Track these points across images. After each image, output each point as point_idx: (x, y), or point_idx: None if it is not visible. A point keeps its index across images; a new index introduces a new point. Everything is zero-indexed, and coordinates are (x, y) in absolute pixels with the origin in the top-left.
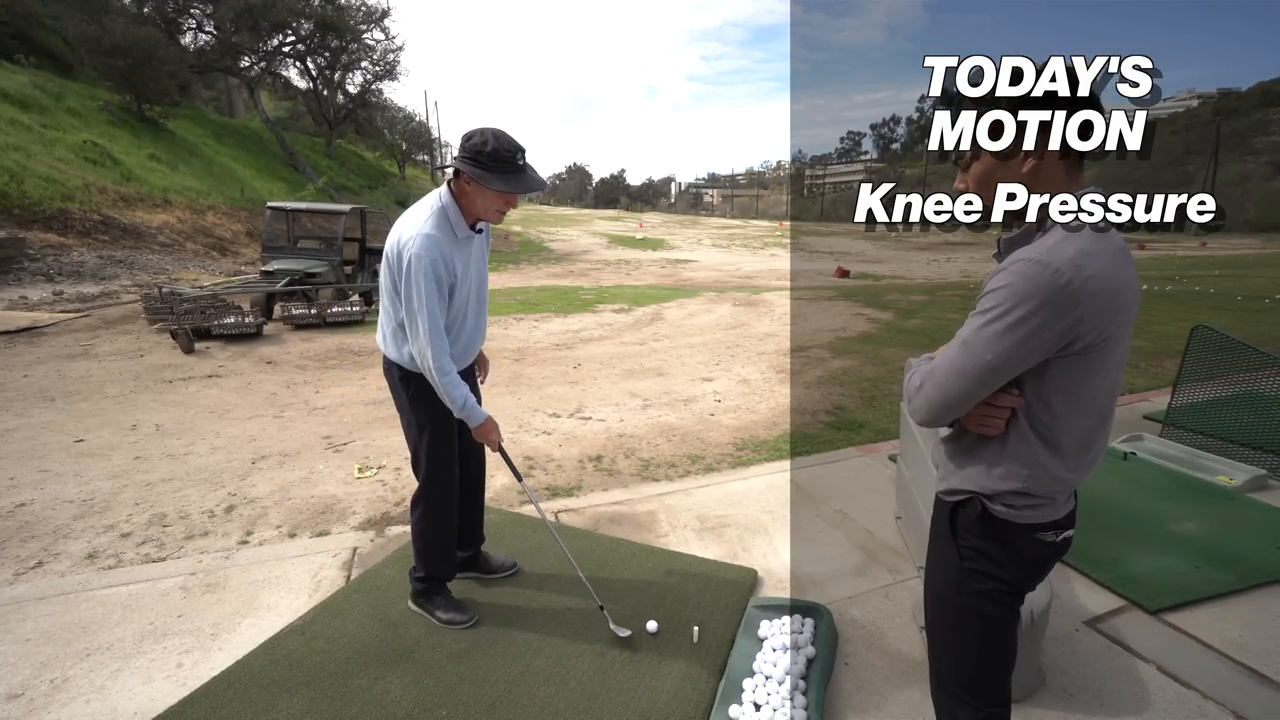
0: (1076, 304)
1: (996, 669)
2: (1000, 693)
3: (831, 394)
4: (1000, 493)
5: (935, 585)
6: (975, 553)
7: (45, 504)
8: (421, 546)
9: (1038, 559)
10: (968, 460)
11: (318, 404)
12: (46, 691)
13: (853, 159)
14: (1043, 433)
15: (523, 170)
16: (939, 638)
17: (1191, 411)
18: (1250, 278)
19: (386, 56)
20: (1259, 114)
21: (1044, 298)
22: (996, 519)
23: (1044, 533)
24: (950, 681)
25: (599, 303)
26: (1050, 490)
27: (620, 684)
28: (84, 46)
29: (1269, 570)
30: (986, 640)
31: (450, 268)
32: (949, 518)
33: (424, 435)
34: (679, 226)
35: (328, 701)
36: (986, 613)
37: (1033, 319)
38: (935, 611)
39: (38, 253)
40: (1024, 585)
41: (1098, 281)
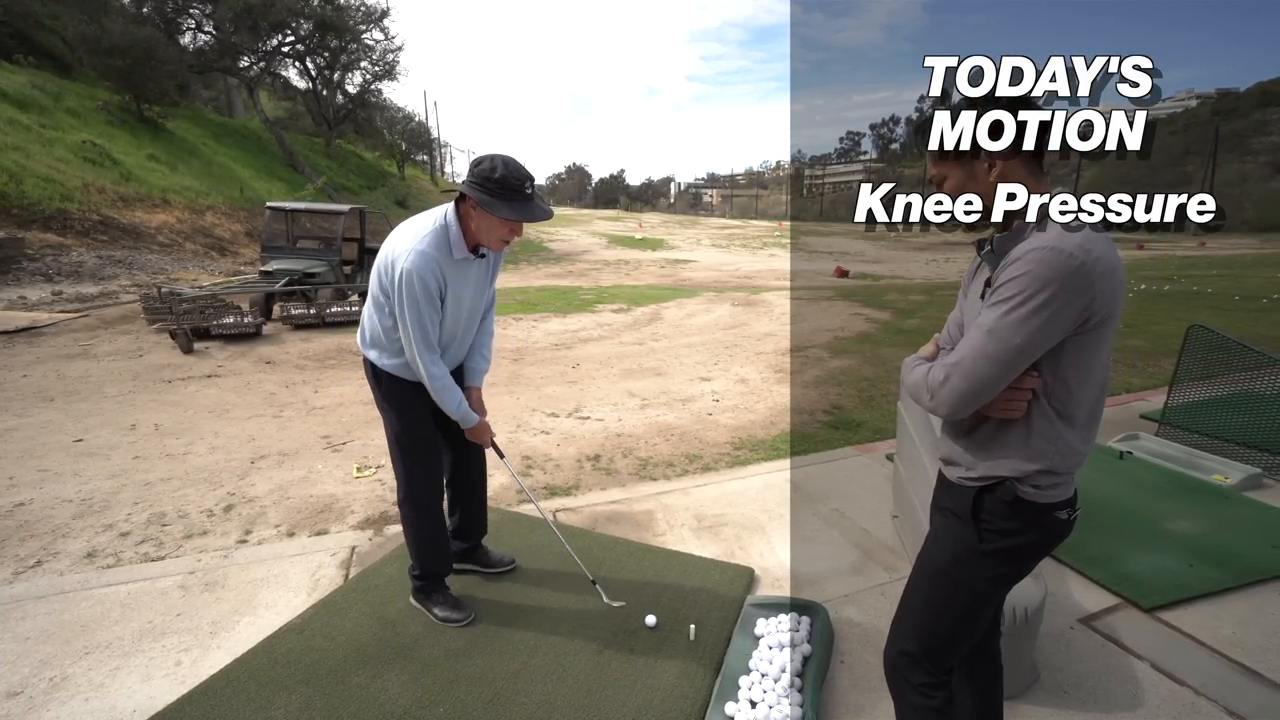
0: (1091, 283)
1: (962, 642)
2: (948, 663)
3: (829, 394)
4: (1029, 474)
5: (937, 563)
6: (998, 534)
7: (44, 503)
8: (413, 543)
9: (1055, 537)
10: (994, 446)
11: (316, 404)
12: (45, 689)
13: (852, 159)
14: (1059, 409)
15: (530, 199)
16: (919, 608)
17: (1188, 411)
18: (1248, 278)
19: (386, 56)
20: (1258, 114)
21: (1063, 280)
22: (1024, 501)
23: (1060, 511)
24: (916, 649)
25: (598, 303)
26: (1070, 465)
27: (617, 681)
28: (83, 46)
29: (1263, 568)
30: (967, 616)
31: (441, 285)
32: (973, 501)
33: (395, 431)
34: (678, 226)
35: (326, 699)
36: (981, 592)
37: (1055, 301)
38: (929, 586)
39: (37, 253)
40: (1028, 567)
41: (1104, 262)
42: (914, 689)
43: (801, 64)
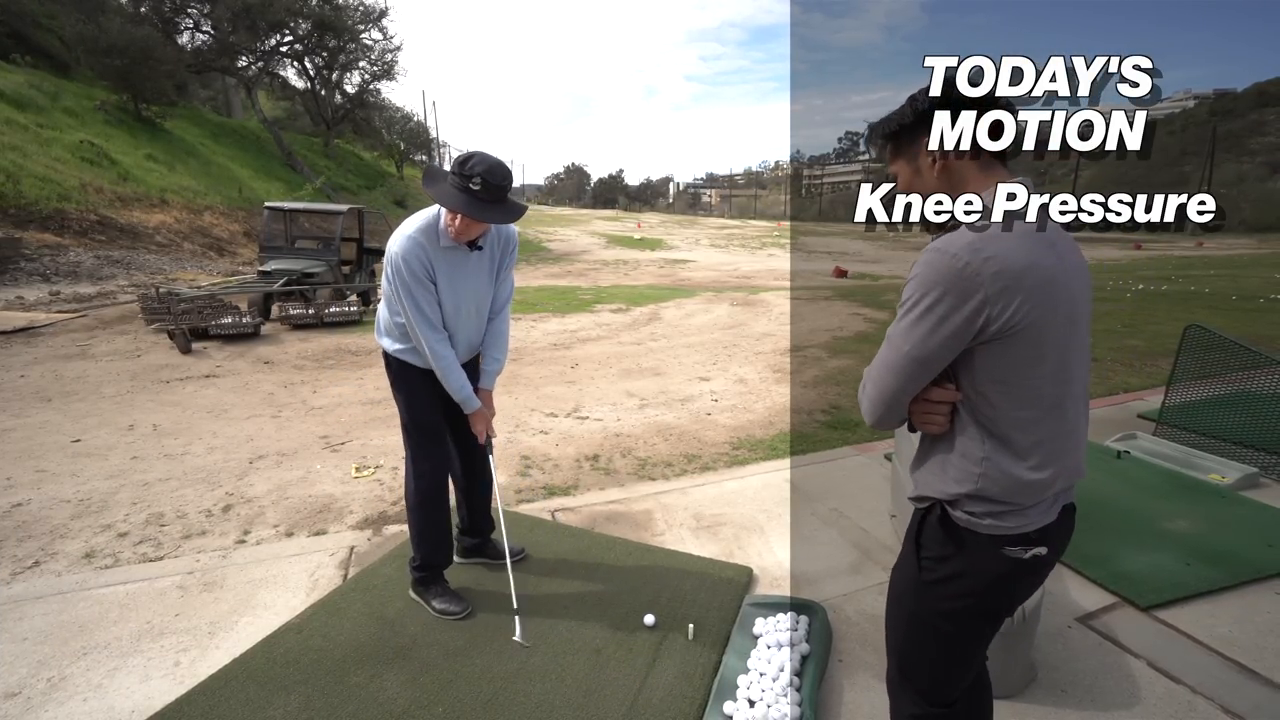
0: (979, 287)
1: (947, 678)
2: (946, 696)
3: (828, 393)
4: (958, 497)
5: (896, 587)
6: (936, 563)
7: (42, 504)
8: (414, 531)
9: (1003, 575)
10: (925, 463)
11: (315, 404)
12: (44, 690)
13: (850, 159)
14: (987, 426)
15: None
16: (892, 637)
17: (1185, 410)
18: (1245, 278)
19: (384, 56)
20: (1255, 115)
21: (946, 284)
22: (959, 527)
23: (1011, 547)
24: (897, 674)
25: (597, 303)
26: (1009, 493)
27: (616, 681)
28: (80, 46)
29: (1259, 567)
30: (938, 650)
31: (428, 269)
32: (917, 525)
33: (403, 417)
34: (677, 226)
35: (324, 699)
36: (941, 628)
37: (939, 305)
38: (892, 610)
39: (34, 253)
40: (991, 605)
41: (998, 263)
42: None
43: (801, 64)
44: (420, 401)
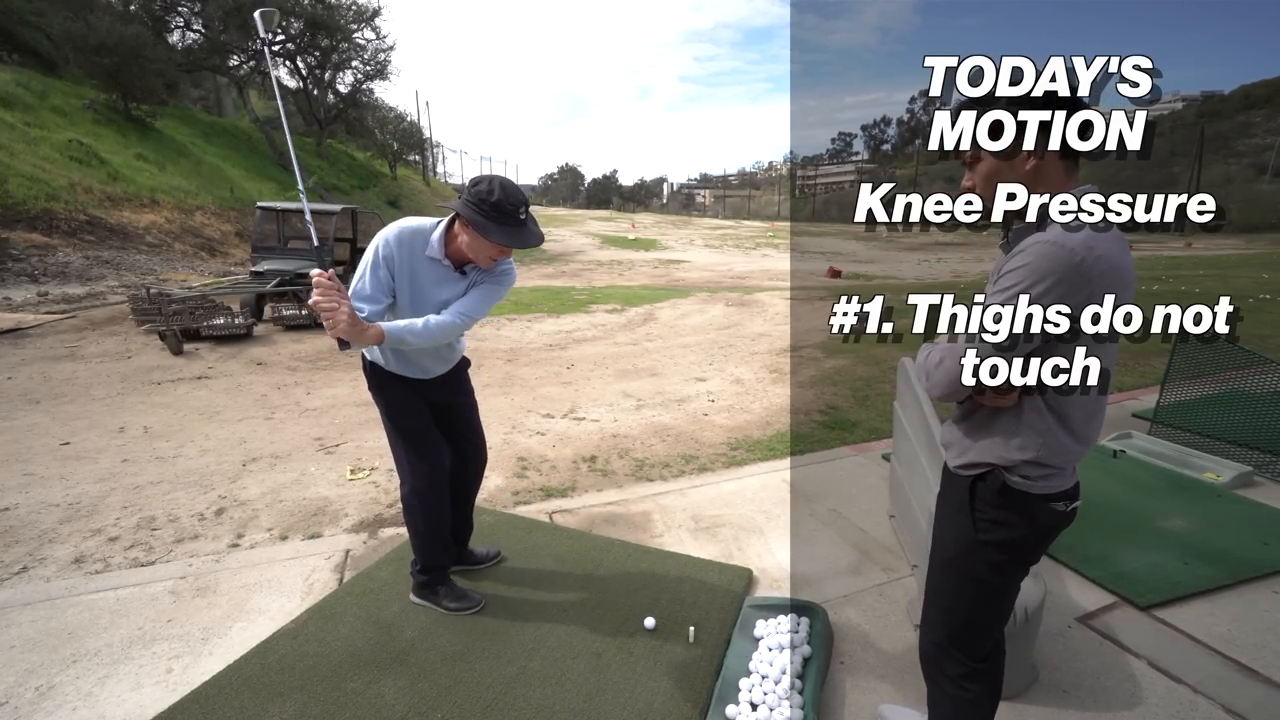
0: (1090, 280)
1: (988, 628)
2: (982, 649)
3: (825, 393)
4: (1017, 463)
5: (944, 554)
6: (992, 524)
7: (30, 508)
8: (415, 536)
9: (1049, 528)
10: (984, 434)
11: (309, 405)
12: (32, 699)
13: (844, 160)
14: (1053, 404)
15: (522, 225)
16: (939, 599)
17: (1179, 409)
18: (1234, 278)
19: (377, 56)
20: (1241, 116)
21: (1061, 274)
22: (1014, 490)
23: (1056, 502)
24: (944, 637)
25: (592, 303)
26: (1062, 460)
27: (617, 684)
28: (69, 44)
29: (1256, 565)
30: (982, 603)
31: (397, 262)
32: (968, 491)
33: (386, 422)
34: (671, 227)
35: (320, 705)
36: (989, 580)
37: (1051, 294)
38: (940, 577)
39: (22, 253)
40: (1033, 556)
41: (1106, 261)
42: (950, 680)
43: (795, 65)
44: (400, 405)
